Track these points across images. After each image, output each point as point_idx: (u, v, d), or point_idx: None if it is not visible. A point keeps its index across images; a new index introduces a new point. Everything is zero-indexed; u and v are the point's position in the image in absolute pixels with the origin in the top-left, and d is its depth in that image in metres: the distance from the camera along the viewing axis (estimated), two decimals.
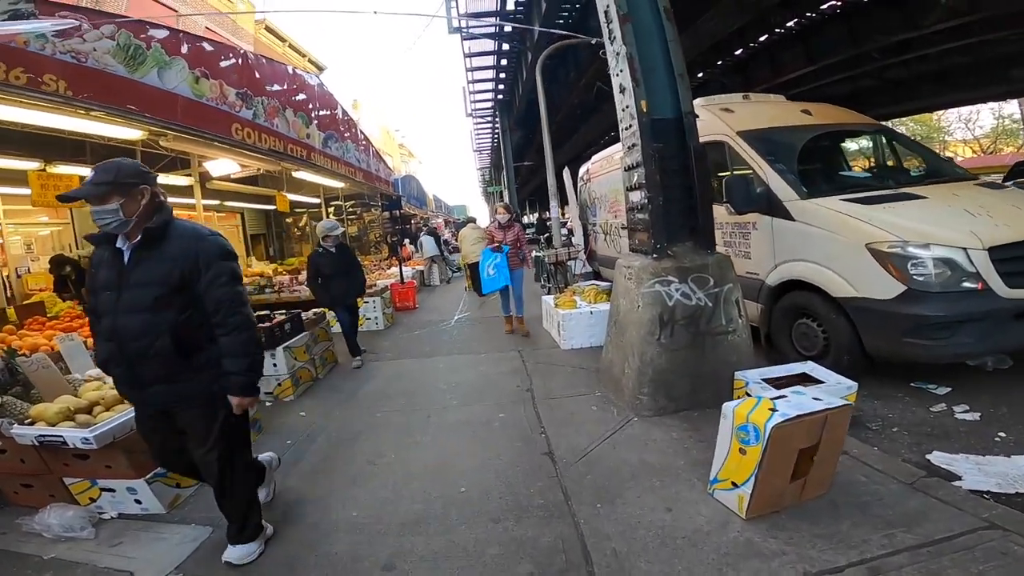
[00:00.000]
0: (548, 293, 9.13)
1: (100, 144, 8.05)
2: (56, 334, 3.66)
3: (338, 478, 3.15)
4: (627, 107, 3.94)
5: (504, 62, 18.38)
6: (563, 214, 13.20)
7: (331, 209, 15.55)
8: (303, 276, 8.24)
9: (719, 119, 4.98)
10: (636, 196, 4.02)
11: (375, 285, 8.62)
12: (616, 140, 8.69)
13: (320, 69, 20.97)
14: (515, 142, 23.77)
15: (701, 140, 3.93)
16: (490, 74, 19.96)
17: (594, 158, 9.40)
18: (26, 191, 6.28)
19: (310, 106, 8.75)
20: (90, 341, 3.85)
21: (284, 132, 7.63)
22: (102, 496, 2.75)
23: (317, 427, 3.99)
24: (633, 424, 3.55)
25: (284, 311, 5.49)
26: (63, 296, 6.38)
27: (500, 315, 7.08)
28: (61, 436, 2.47)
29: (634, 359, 3.72)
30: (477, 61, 18.50)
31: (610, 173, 8.05)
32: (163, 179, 8.91)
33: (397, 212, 17.60)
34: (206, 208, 12.39)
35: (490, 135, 30.14)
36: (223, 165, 8.74)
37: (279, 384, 4.63)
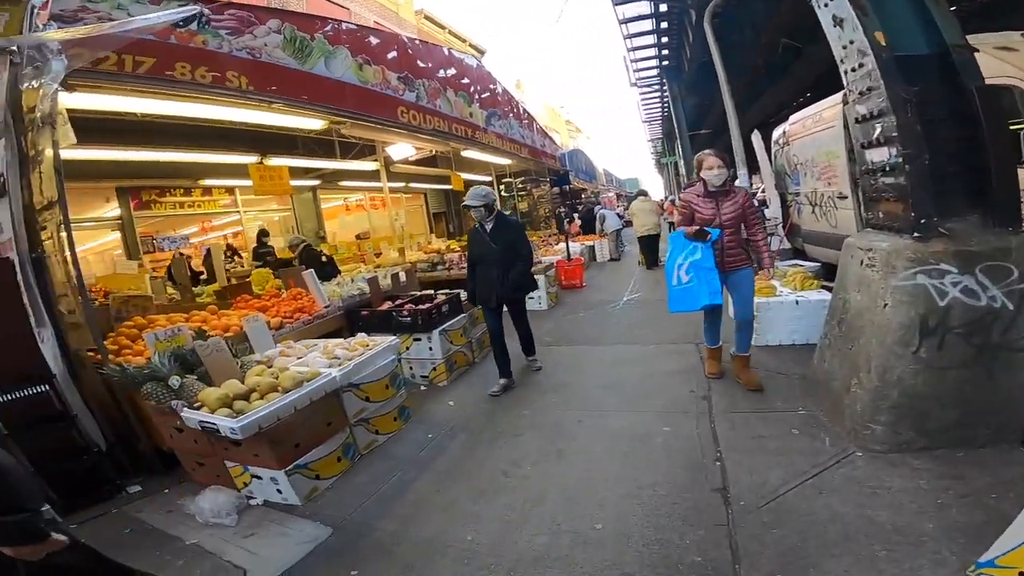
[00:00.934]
0: None
1: (309, 137, 9.19)
2: (249, 314, 4.00)
3: (467, 487, 2.85)
4: (850, 43, 2.98)
5: (664, 24, 16.45)
6: (752, 183, 11.23)
7: (502, 187, 15.81)
8: None
9: (996, 59, 3.81)
10: (878, 154, 2.88)
11: (540, 261, 8.31)
12: (818, 98, 7.01)
13: (480, 53, 21.46)
14: (687, 109, 21.63)
15: None
16: (651, 39, 18.17)
17: (793, 118, 7.73)
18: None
19: (471, 87, 8.74)
20: (274, 320, 4.21)
21: (447, 112, 7.67)
22: (252, 482, 2.85)
23: (462, 420, 3.76)
24: (855, 461, 2.58)
25: (447, 291, 5.47)
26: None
27: None
28: (215, 423, 2.55)
29: (870, 375, 2.68)
30: (634, 27, 16.83)
31: (820, 133, 6.46)
32: (354, 165, 9.94)
33: (566, 187, 17.25)
34: (393, 191, 13.64)
35: (659, 104, 28.15)
36: (401, 149, 9.28)
37: (434, 368, 4.56)
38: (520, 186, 17.32)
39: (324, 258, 6.67)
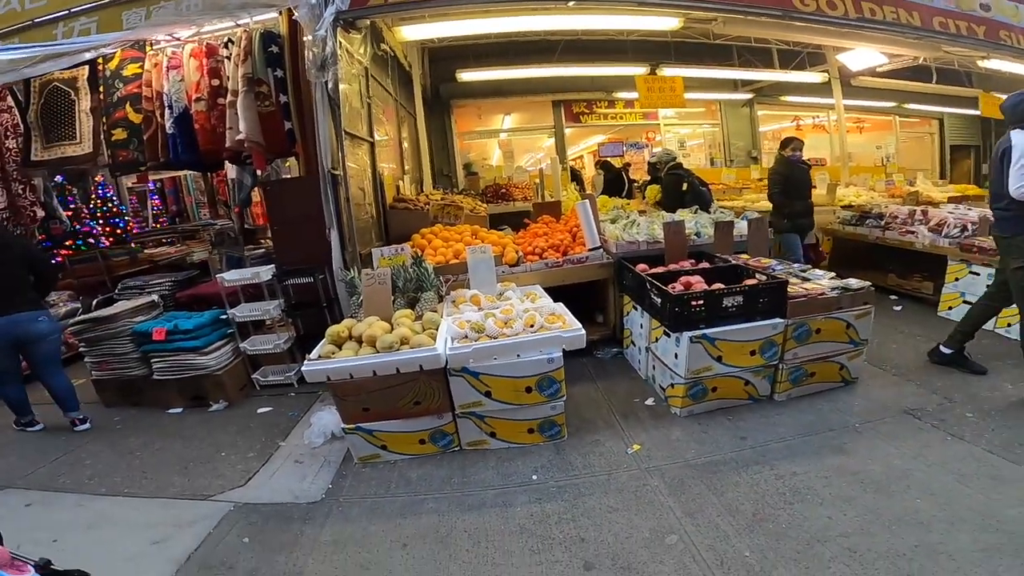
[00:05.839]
0: None
1: (744, 46, 7.50)
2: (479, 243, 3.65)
3: None
4: None
5: None
6: None
7: None
8: (935, 214, 4.96)
9: None
10: None
11: None
12: None
13: None
14: None
15: None
16: None
17: None
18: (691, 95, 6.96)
19: None
20: (509, 253, 3.71)
21: (920, 0, 4.56)
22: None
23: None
24: None
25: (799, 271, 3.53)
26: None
27: None
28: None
29: None
30: None
31: None
32: (797, 77, 7.55)
33: None
34: (872, 111, 9.84)
35: None
36: (861, 56, 6.35)
37: (672, 385, 3.01)
38: None
39: (685, 185, 5.32)
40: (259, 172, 4.16)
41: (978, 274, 4.20)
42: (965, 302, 4.30)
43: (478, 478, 2.52)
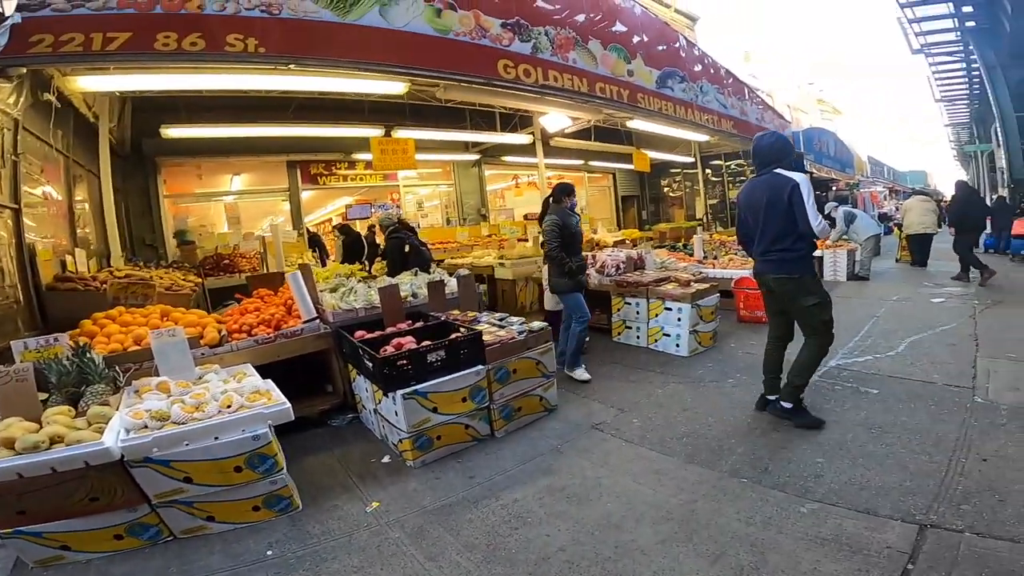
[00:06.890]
0: None
1: (475, 110, 8.41)
2: (168, 325, 3.26)
3: None
4: None
5: None
6: None
7: (708, 171, 12.80)
8: (600, 257, 6.42)
9: None
10: None
11: (702, 275, 5.89)
12: None
13: (692, 20, 17.54)
14: (1012, 84, 14.79)
15: None
16: None
17: None
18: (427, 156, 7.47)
19: (631, 38, 6.62)
20: (209, 333, 3.41)
21: (588, 68, 5.86)
22: None
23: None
24: None
25: (499, 318, 4.01)
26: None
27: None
28: None
29: None
30: None
31: None
32: (500, 138, 8.90)
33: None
34: (569, 168, 12.27)
35: (964, 78, 20.17)
36: (555, 120, 7.86)
37: (401, 441, 3.16)
38: (735, 169, 13.80)
39: (407, 247, 5.66)
40: None
41: (630, 303, 5.52)
42: (626, 327, 5.60)
43: (202, 564, 2.27)
